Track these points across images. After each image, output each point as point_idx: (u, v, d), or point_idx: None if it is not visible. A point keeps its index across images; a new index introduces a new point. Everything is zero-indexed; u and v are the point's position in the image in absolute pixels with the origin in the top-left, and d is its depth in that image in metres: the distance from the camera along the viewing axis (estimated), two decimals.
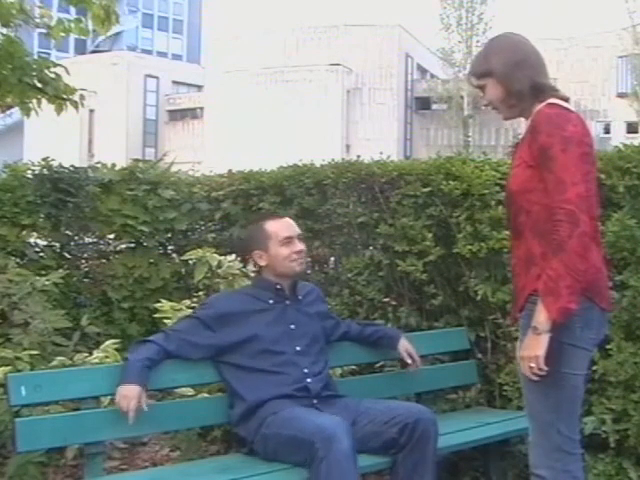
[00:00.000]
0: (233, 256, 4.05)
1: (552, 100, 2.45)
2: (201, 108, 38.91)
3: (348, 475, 2.61)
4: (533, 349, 2.29)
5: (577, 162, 2.31)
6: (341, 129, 34.37)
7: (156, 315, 3.92)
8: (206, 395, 3.36)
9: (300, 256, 3.16)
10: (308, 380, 3.02)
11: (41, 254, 4.78)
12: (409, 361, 3.37)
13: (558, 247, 2.26)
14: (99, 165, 5.06)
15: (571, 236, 2.24)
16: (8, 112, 32.85)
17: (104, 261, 5.05)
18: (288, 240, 3.15)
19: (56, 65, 5.28)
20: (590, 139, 2.42)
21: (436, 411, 3.74)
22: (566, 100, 2.50)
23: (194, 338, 3.02)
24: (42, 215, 4.72)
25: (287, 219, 3.28)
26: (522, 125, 2.61)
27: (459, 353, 3.79)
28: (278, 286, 3.17)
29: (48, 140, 32.05)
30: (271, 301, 3.13)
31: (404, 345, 3.38)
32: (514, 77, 2.47)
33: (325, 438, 2.63)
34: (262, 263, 3.17)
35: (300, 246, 3.17)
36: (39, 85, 5.12)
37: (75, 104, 5.28)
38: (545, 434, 2.43)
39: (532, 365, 2.30)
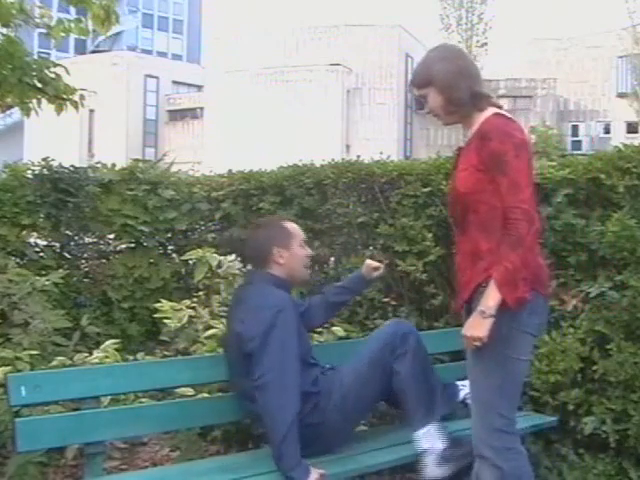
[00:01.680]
0: (233, 256, 4.05)
1: (496, 110, 2.63)
2: (201, 108, 38.90)
3: (427, 357, 3.18)
4: (478, 330, 2.44)
5: (527, 166, 2.52)
6: (341, 129, 34.36)
7: (156, 315, 3.92)
8: (206, 395, 3.36)
9: (309, 262, 3.20)
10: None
11: (41, 254, 4.78)
12: (377, 272, 3.39)
13: (517, 243, 2.43)
14: (99, 165, 5.06)
15: (528, 233, 2.44)
16: (8, 112, 32.91)
17: (104, 261, 5.05)
18: (305, 242, 3.18)
19: (56, 65, 5.26)
20: (531, 146, 2.63)
21: None
22: (500, 108, 2.67)
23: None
24: (42, 215, 4.72)
25: None
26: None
27: (459, 353, 3.78)
28: (290, 287, 3.15)
29: (48, 140, 32.05)
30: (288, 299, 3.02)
31: (368, 267, 3.37)
32: (455, 86, 2.62)
33: (401, 336, 3.05)
34: (281, 261, 3.07)
35: (310, 251, 3.20)
36: (39, 85, 5.10)
37: (75, 104, 5.27)
38: (487, 416, 2.56)
39: (477, 344, 2.45)
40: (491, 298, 2.43)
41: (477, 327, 2.44)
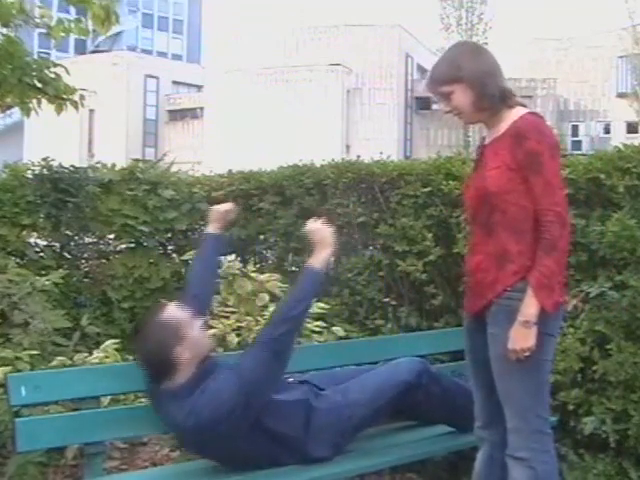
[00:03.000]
0: (233, 256, 4.05)
1: (528, 109, 2.61)
2: (201, 108, 38.89)
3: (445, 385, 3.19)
4: (525, 341, 2.45)
5: (559, 168, 2.57)
6: (341, 129, 34.35)
7: None
8: None
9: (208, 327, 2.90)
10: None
11: (41, 254, 4.77)
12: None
13: (551, 246, 2.44)
14: (99, 165, 5.05)
15: (562, 235, 2.45)
16: (8, 112, 32.82)
17: (104, 261, 5.04)
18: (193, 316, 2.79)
19: (56, 65, 5.26)
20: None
21: None
22: (524, 107, 2.65)
23: None
24: (42, 215, 4.71)
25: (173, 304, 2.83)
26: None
27: (459, 353, 3.78)
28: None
29: (48, 140, 32.02)
30: None
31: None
32: (486, 82, 2.58)
33: (417, 375, 3.07)
34: (187, 355, 2.69)
35: (202, 318, 2.86)
36: (39, 85, 5.10)
37: (75, 104, 5.27)
38: (525, 418, 2.57)
39: (527, 355, 2.45)
40: (531, 306, 2.43)
41: (524, 338, 2.45)
